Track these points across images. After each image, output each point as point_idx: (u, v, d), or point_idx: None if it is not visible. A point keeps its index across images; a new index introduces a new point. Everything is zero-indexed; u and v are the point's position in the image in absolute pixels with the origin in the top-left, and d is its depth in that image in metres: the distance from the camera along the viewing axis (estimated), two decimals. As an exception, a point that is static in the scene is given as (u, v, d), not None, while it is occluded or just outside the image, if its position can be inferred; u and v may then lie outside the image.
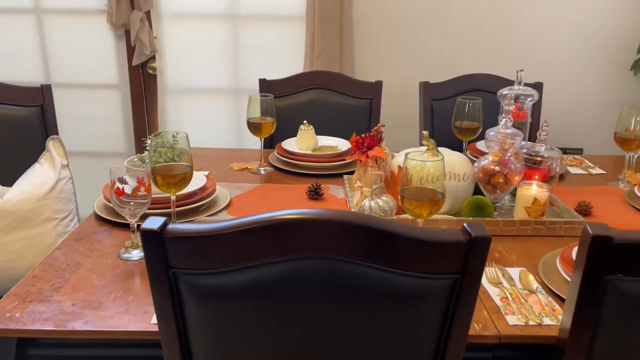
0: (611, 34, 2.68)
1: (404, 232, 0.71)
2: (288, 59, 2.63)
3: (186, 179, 1.15)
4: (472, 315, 0.78)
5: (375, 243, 0.72)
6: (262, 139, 1.72)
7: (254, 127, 1.66)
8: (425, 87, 2.13)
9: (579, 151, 2.77)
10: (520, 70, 1.49)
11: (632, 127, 1.60)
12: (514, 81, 2.05)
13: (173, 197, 1.19)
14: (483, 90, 2.09)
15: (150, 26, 2.56)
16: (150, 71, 2.65)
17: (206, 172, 1.64)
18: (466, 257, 0.73)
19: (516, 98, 1.47)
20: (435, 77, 2.23)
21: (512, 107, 1.36)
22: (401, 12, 2.60)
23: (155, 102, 2.71)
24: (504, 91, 1.49)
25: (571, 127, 2.81)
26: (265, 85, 2.06)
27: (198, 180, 1.44)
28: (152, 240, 0.72)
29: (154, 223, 0.72)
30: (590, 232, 0.73)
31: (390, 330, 0.78)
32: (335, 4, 2.45)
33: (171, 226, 0.72)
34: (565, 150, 2.65)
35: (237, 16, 2.62)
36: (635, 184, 1.56)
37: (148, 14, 2.55)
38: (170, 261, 0.74)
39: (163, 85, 2.69)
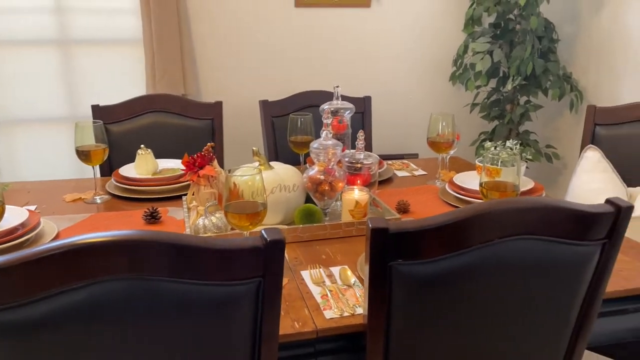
0: (431, 51, 3.02)
1: (202, 244, 0.75)
2: (130, 84, 2.58)
3: (-6, 215, 1.09)
4: (279, 315, 0.84)
5: (174, 258, 0.75)
6: (95, 167, 1.66)
7: (84, 155, 1.61)
8: (265, 105, 2.22)
9: (414, 156, 3.06)
10: (337, 87, 1.63)
11: (440, 132, 1.82)
12: (345, 96, 2.23)
13: (-17, 236, 1.11)
14: (318, 106, 2.23)
15: (-33, 54, 2.36)
16: (-29, 103, 2.43)
17: (33, 207, 1.55)
18: (265, 260, 0.79)
19: (336, 112, 1.60)
20: (281, 94, 2.33)
21: (330, 120, 1.48)
22: (240, 34, 2.68)
23: (-20, 136, 2.48)
24: (324, 106, 1.62)
25: (406, 134, 3.10)
26: (100, 112, 2.00)
27: (19, 215, 1.36)
28: None
29: None
30: (370, 225, 0.83)
31: (205, 341, 0.81)
32: (172, 26, 2.46)
33: (-49, 265, 0.69)
34: (402, 156, 2.91)
35: (69, 41, 2.51)
36: (447, 182, 1.77)
37: (-37, 41, 2.35)
38: (-46, 302, 0.70)
39: (-12, 117, 2.48)
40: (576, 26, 2.91)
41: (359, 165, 1.52)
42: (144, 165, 1.78)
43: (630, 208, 0.93)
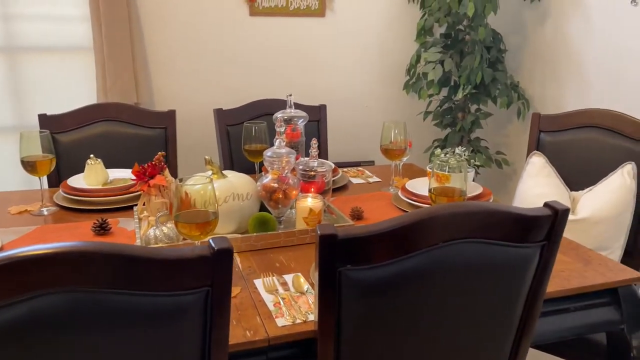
0: (385, 60, 3.08)
1: (147, 254, 0.74)
2: (80, 92, 2.52)
3: None
4: (229, 323, 0.84)
5: (119, 269, 0.73)
6: (41, 178, 1.61)
7: (30, 166, 1.56)
8: (219, 113, 2.21)
9: (371, 163, 3.10)
10: (289, 95, 1.64)
11: (393, 139, 1.85)
12: (301, 104, 2.24)
13: None
14: (273, 114, 2.23)
15: None
16: None
17: (-26, 220, 1.49)
18: (213, 269, 0.79)
19: (289, 120, 1.61)
20: (236, 103, 2.32)
21: (283, 129, 1.49)
22: (194, 42, 2.66)
23: None
24: (278, 115, 1.63)
25: (362, 141, 3.14)
26: (47, 121, 1.94)
27: (-41, 229, 1.31)
28: None
29: None
30: (319, 232, 0.84)
31: (154, 352, 0.80)
32: (124, 33, 2.42)
33: None
34: (359, 164, 2.95)
35: (15, 49, 2.43)
36: (400, 188, 1.80)
37: None
38: None
39: None
40: (522, 37, 3.03)
41: (312, 173, 1.53)
42: (93, 176, 1.74)
43: (566, 211, 0.98)
